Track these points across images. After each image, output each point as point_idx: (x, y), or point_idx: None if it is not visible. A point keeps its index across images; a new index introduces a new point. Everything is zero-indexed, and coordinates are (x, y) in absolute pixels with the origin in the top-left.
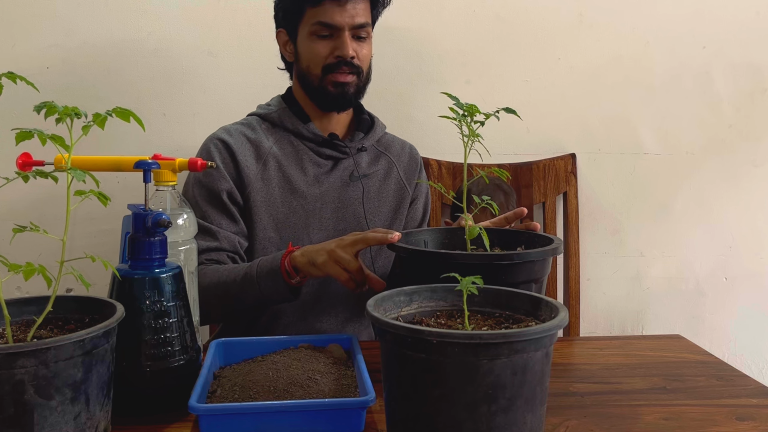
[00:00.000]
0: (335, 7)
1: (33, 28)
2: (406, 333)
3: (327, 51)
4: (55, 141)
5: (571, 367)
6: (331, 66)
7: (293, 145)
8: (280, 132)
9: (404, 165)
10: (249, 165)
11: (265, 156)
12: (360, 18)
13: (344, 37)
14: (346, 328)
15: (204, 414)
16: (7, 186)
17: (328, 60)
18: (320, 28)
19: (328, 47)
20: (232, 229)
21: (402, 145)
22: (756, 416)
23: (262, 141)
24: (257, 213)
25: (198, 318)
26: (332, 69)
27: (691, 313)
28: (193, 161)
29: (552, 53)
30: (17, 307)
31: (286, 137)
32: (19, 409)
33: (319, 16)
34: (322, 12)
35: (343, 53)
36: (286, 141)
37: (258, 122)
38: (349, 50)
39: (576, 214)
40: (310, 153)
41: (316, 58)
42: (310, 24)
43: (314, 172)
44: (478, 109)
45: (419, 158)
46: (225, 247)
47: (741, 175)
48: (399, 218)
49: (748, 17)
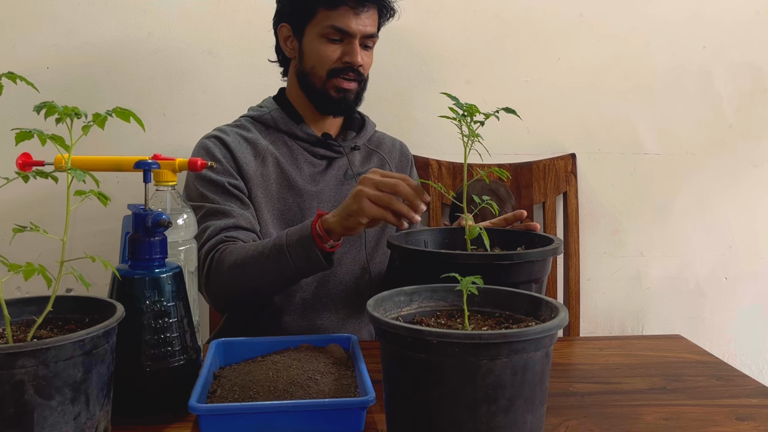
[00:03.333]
0: (351, 15)
1: (33, 28)
2: (406, 333)
3: (336, 55)
4: (55, 141)
5: (571, 367)
6: (337, 70)
7: (288, 145)
8: (274, 133)
9: (396, 161)
10: (248, 162)
11: (263, 153)
12: (371, 28)
13: (355, 45)
14: (347, 325)
15: (204, 414)
16: (7, 186)
17: (336, 64)
18: (333, 32)
19: (337, 51)
20: (245, 211)
21: (392, 142)
22: (756, 416)
23: (258, 140)
24: (259, 209)
25: (198, 318)
26: (337, 74)
27: (691, 313)
28: (193, 161)
29: (552, 53)
30: (17, 307)
31: (281, 138)
32: (19, 409)
33: (333, 20)
34: (336, 16)
35: (353, 60)
36: (281, 141)
37: (251, 123)
38: (359, 58)
39: (576, 214)
40: (304, 153)
41: (324, 61)
42: (322, 26)
43: (310, 171)
44: (478, 109)
45: (410, 154)
46: (242, 224)
47: (741, 175)
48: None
49: (748, 17)
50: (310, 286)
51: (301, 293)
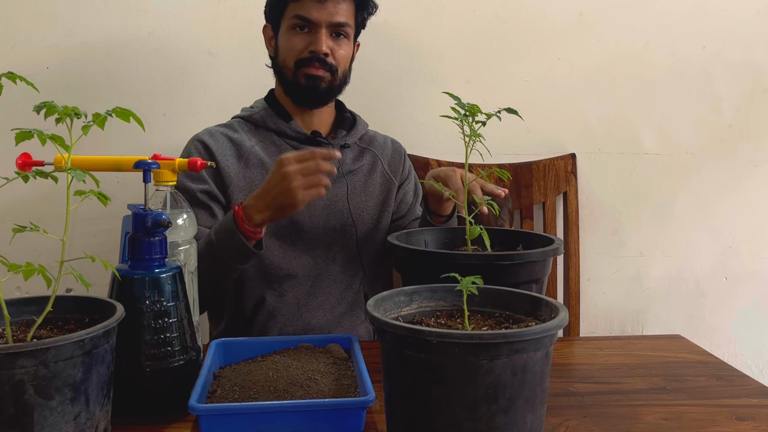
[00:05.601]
0: (314, 3)
1: (33, 28)
2: (406, 333)
3: (302, 45)
4: (55, 141)
5: (571, 367)
6: (304, 60)
7: (276, 144)
8: (263, 132)
9: (388, 157)
10: (229, 164)
11: (246, 155)
12: (340, 17)
13: (320, 34)
14: (342, 323)
15: (204, 414)
16: (7, 186)
17: (302, 54)
18: (298, 22)
19: (303, 42)
20: (209, 224)
21: (384, 139)
22: (756, 416)
23: (243, 141)
24: None
25: (198, 318)
26: (305, 63)
27: (691, 313)
28: (193, 161)
29: (552, 53)
30: (17, 307)
31: (269, 137)
32: (19, 409)
33: (298, 10)
34: (301, 6)
35: (317, 48)
36: (269, 141)
37: (240, 124)
38: (322, 46)
39: (576, 214)
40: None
41: (291, 52)
42: (289, 17)
43: None
44: (479, 109)
45: (402, 149)
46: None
47: (741, 175)
48: (387, 210)
49: (748, 17)
50: (303, 285)
51: (294, 292)
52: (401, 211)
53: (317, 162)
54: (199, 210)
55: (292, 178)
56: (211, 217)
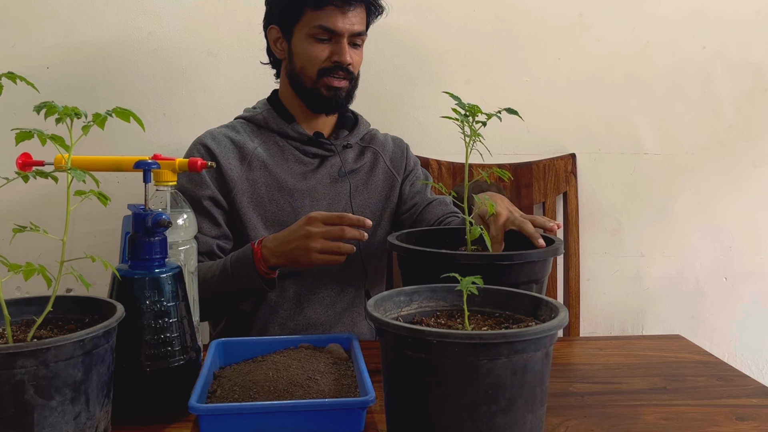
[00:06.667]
0: (338, 14)
1: (33, 28)
2: (406, 333)
3: (325, 55)
4: (55, 141)
5: (571, 367)
6: (327, 70)
7: (279, 145)
8: (266, 133)
9: (389, 153)
10: (233, 168)
11: (249, 157)
12: (358, 26)
13: (343, 44)
14: (344, 319)
15: (204, 414)
16: (7, 186)
17: (325, 64)
18: (320, 32)
19: (326, 51)
20: (212, 233)
21: (385, 136)
22: (756, 416)
23: (246, 143)
24: (245, 214)
25: (198, 318)
26: (327, 72)
27: (691, 313)
28: (193, 161)
29: (552, 53)
30: (17, 307)
31: (272, 138)
32: (19, 409)
33: (320, 20)
34: (323, 16)
35: (342, 59)
36: (272, 142)
37: (243, 125)
38: (347, 57)
39: (576, 214)
40: (295, 152)
41: (313, 61)
42: (309, 26)
43: (300, 169)
44: (480, 110)
45: (404, 143)
46: (200, 249)
47: (741, 175)
48: (389, 207)
49: (748, 17)
50: (305, 281)
51: (295, 288)
52: (413, 200)
53: (343, 229)
54: (203, 218)
55: (312, 239)
56: (215, 226)
